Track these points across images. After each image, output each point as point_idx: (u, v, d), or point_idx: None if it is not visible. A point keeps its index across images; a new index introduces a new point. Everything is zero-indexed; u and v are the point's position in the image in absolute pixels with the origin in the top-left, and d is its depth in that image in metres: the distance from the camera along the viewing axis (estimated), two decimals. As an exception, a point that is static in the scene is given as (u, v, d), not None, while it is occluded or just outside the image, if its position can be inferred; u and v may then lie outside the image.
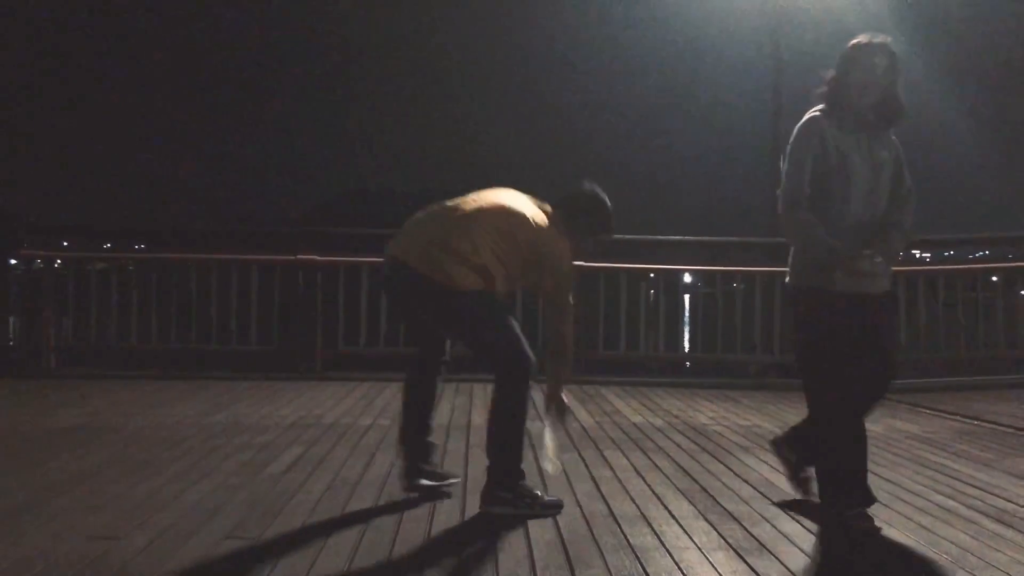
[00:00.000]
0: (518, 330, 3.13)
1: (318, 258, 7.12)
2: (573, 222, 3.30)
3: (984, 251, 9.78)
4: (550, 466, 3.21)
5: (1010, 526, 2.93)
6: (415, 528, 2.82)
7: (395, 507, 3.06)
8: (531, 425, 3.18)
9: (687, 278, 9.81)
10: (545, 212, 3.24)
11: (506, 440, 3.07)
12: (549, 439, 3.22)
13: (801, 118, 3.06)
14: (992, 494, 3.37)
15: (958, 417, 5.38)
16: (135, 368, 7.03)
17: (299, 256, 7.11)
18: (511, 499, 3.00)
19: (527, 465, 3.13)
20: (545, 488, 3.23)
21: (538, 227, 3.15)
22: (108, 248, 8.28)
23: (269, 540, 2.69)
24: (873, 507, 2.99)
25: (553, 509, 3.03)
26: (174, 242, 8.12)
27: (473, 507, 3.06)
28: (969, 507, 3.17)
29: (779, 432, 3.52)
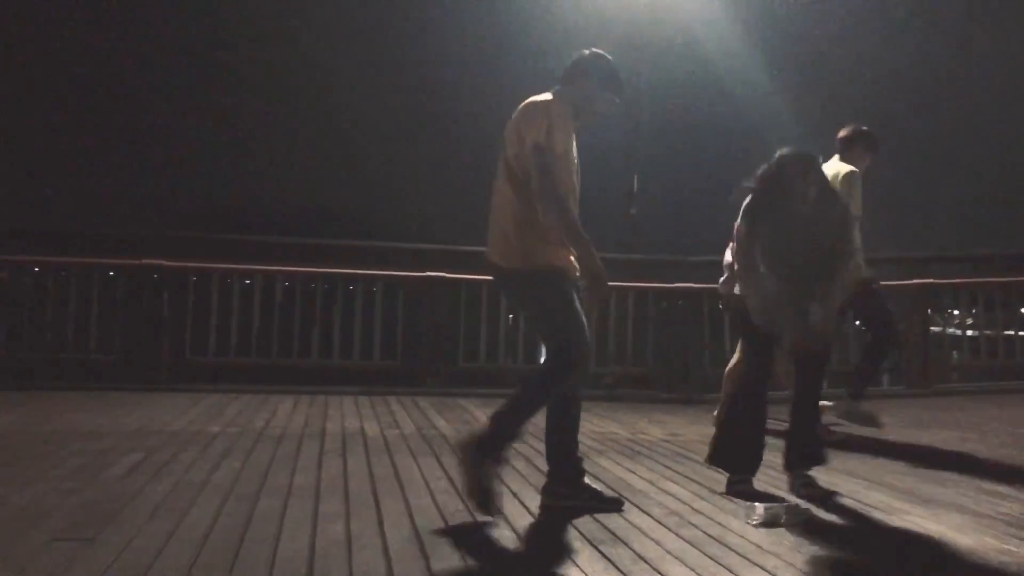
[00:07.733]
0: (583, 321, 3.05)
1: (165, 263, 6.78)
2: (577, 91, 3.13)
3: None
4: None
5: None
6: (264, 527, 2.71)
7: (244, 508, 2.93)
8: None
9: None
10: (545, 102, 3.06)
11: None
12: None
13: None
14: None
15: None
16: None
17: (144, 261, 6.75)
18: (569, 493, 3.07)
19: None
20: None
21: (534, 123, 2.97)
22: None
23: (104, 541, 2.52)
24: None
25: (613, 504, 3.09)
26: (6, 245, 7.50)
27: (326, 504, 3.01)
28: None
29: (631, 438, 3.60)
